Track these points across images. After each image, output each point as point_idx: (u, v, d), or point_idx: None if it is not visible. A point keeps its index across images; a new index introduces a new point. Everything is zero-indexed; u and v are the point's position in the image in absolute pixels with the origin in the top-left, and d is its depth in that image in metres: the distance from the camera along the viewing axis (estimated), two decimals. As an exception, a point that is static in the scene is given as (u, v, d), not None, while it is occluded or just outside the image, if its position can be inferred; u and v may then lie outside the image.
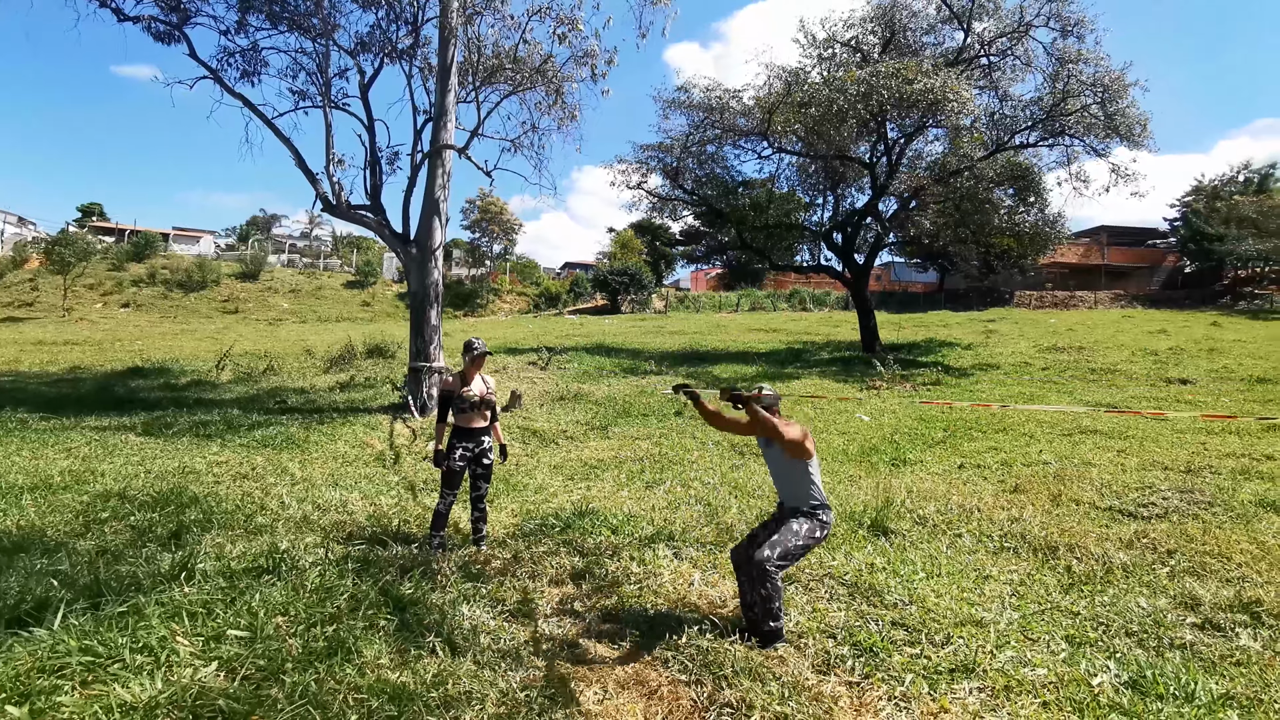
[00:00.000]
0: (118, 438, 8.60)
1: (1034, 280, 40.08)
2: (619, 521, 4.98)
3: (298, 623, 2.82)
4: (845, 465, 7.91)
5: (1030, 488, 6.36)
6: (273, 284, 43.65)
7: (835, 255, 21.17)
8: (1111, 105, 16.46)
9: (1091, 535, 4.91)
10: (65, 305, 36.25)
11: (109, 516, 4.76)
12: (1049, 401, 11.69)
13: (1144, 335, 21.35)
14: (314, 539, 4.46)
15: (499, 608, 3.47)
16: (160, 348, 21.07)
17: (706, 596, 3.74)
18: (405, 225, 11.37)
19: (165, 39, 11.11)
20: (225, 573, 3.46)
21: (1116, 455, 7.87)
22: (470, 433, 4.65)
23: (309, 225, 66.04)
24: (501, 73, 11.76)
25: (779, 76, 18.06)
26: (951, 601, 3.66)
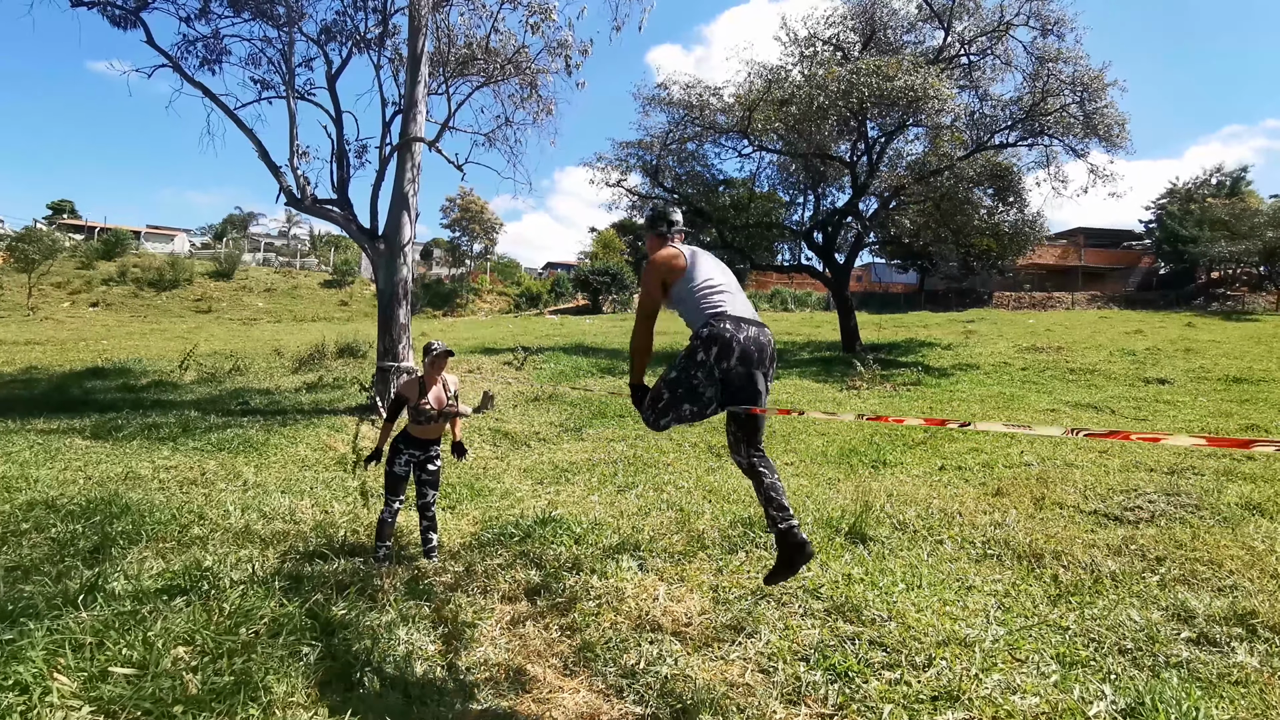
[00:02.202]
0: (63, 441, 8.17)
1: (1012, 281, 40.38)
2: (583, 530, 4.68)
3: (203, 654, 2.50)
4: (824, 468, 7.68)
5: (1013, 490, 6.16)
6: (247, 283, 42.79)
7: (816, 255, 21.02)
8: (1090, 105, 16.45)
9: (1078, 541, 4.69)
10: (30, 304, 35.23)
11: (30, 528, 4.39)
12: (1029, 402, 11.56)
13: (1121, 335, 21.42)
14: (250, 552, 4.12)
15: (441, 629, 3.16)
16: (125, 348, 20.41)
17: (671, 613, 3.46)
18: (373, 220, 11.00)
19: (122, 24, 10.64)
20: (136, 593, 3.12)
21: (1099, 456, 7.71)
22: (421, 441, 4.33)
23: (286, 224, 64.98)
24: (474, 64, 11.42)
25: (759, 74, 17.87)
26: (933, 616, 3.41)
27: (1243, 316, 29.49)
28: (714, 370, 2.83)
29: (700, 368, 2.84)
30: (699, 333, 2.89)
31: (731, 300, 2.94)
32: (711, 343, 2.82)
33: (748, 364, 2.84)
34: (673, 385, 2.92)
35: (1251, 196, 40.30)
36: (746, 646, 3.12)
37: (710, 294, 2.93)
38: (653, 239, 3.24)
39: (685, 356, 2.90)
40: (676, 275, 2.99)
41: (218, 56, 11.41)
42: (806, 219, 21.37)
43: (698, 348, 2.86)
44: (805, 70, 17.40)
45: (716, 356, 2.81)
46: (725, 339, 2.81)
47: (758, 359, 2.87)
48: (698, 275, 2.98)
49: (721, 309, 2.88)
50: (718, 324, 2.84)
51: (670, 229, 3.21)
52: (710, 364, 2.82)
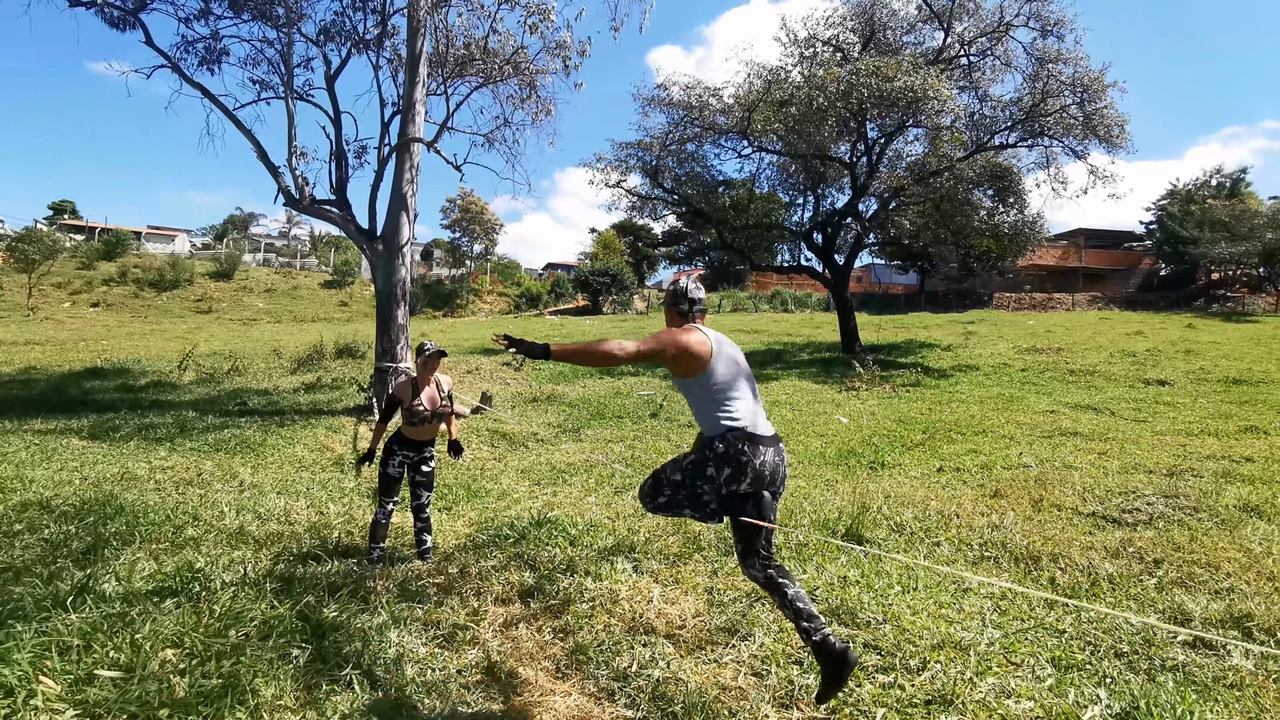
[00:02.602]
0: (60, 441, 8.16)
1: (1012, 282, 40.36)
2: (578, 531, 4.67)
3: (192, 656, 2.49)
4: (823, 469, 7.66)
5: (1010, 492, 6.14)
6: (248, 283, 42.79)
7: (816, 256, 21.00)
8: (1090, 106, 16.43)
9: (1075, 544, 4.67)
10: (30, 304, 35.24)
11: (23, 529, 4.38)
12: (1028, 403, 11.54)
13: (1121, 337, 21.39)
14: (243, 553, 4.11)
15: (432, 632, 3.15)
16: (125, 348, 20.41)
17: (665, 615, 3.44)
18: (371, 221, 10.98)
19: (120, 25, 10.64)
20: (127, 595, 3.10)
21: (1098, 458, 7.69)
22: (416, 443, 4.31)
23: (287, 224, 64.97)
24: (472, 64, 11.41)
25: (759, 75, 17.87)
26: (928, 619, 3.39)
27: (1243, 318, 29.44)
28: (722, 489, 2.72)
29: (708, 482, 2.72)
30: (713, 446, 2.72)
31: (750, 411, 2.77)
32: (724, 463, 2.68)
33: (758, 486, 2.73)
34: (675, 488, 2.81)
35: (1251, 198, 40.28)
36: (740, 649, 3.10)
37: (729, 401, 2.76)
38: (673, 316, 3.01)
39: (694, 465, 2.76)
40: (697, 368, 2.76)
41: (217, 57, 11.41)
42: (806, 220, 21.37)
43: (708, 461, 2.72)
44: (805, 71, 17.39)
45: (728, 479, 2.69)
46: (741, 464, 2.67)
47: (769, 481, 2.75)
48: (718, 373, 2.77)
49: (740, 424, 2.71)
50: (735, 445, 2.68)
51: (692, 309, 2.98)
52: (720, 482, 2.71)
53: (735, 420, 2.72)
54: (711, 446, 2.73)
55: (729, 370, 2.80)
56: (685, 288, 3.01)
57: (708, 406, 2.78)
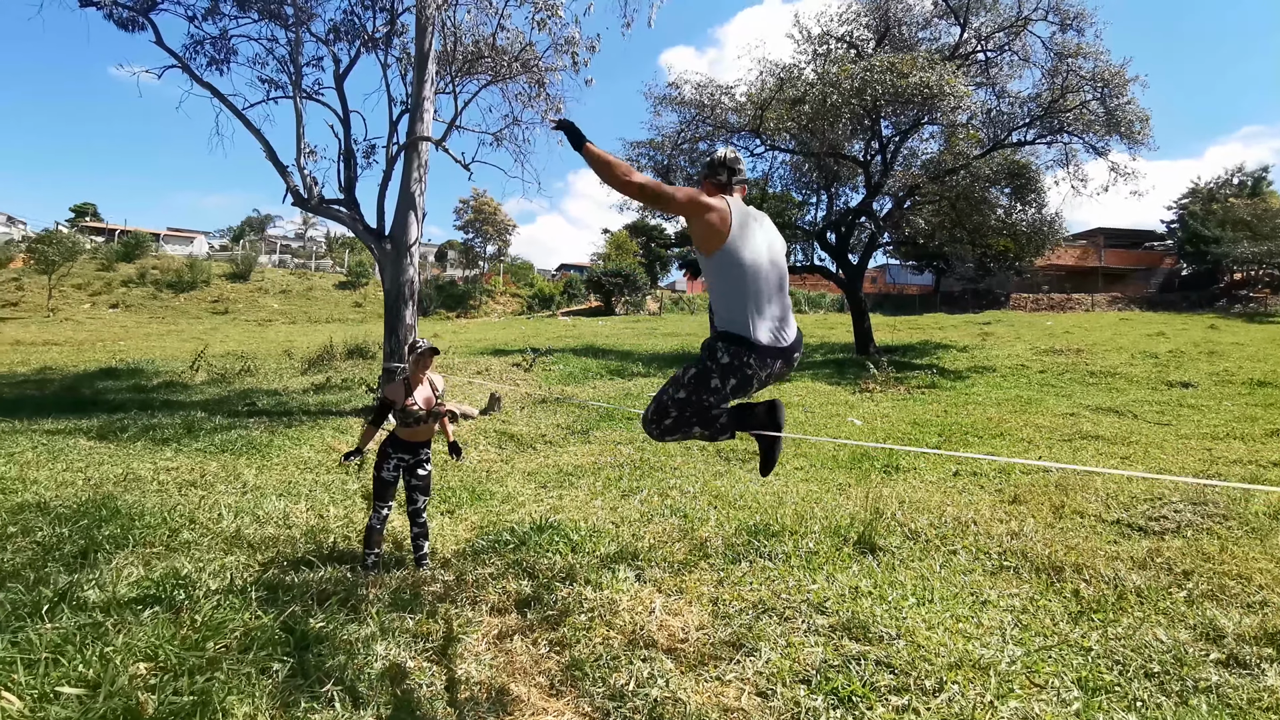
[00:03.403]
0: (68, 441, 8.14)
1: (1030, 282, 39.80)
2: (580, 537, 4.52)
3: (165, 670, 2.37)
4: (835, 472, 7.47)
5: (1030, 498, 5.93)
6: (263, 284, 43.08)
7: (829, 256, 20.74)
8: (1112, 101, 16.08)
9: (1100, 554, 4.47)
10: (50, 305, 35.66)
11: (17, 531, 4.30)
12: (1047, 405, 11.26)
13: (1142, 338, 20.97)
14: (236, 558, 4.00)
15: (422, 644, 3.01)
16: (141, 348, 20.56)
17: (667, 627, 3.29)
18: (380, 220, 10.92)
19: (128, 26, 10.64)
20: (109, 603, 3.00)
21: (1121, 462, 7.46)
22: (410, 445, 4.18)
23: (303, 226, 65.45)
24: (481, 62, 11.32)
25: (772, 72, 17.66)
26: (945, 634, 3.21)
27: (1266, 319, 28.81)
28: (728, 397, 2.56)
29: (714, 394, 2.53)
30: (715, 353, 2.52)
31: (768, 316, 2.50)
32: (728, 374, 2.49)
33: (765, 385, 2.60)
34: (682, 406, 2.58)
35: (1273, 197, 39.47)
36: (744, 666, 2.94)
37: (745, 296, 2.47)
38: (709, 186, 2.67)
39: (697, 378, 2.56)
40: (713, 239, 2.46)
41: (225, 57, 11.39)
42: (819, 219, 21.12)
43: (711, 372, 2.52)
44: (818, 68, 17.18)
45: (733, 389, 2.53)
46: (746, 376, 2.49)
47: (777, 377, 2.62)
48: (740, 254, 2.45)
49: (749, 332, 2.46)
50: (741, 356, 2.47)
51: (732, 180, 2.65)
52: (725, 394, 2.54)
53: (746, 325, 2.46)
54: (714, 353, 2.52)
55: (753, 256, 2.48)
56: (724, 154, 2.70)
57: (721, 296, 2.53)
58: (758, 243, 2.54)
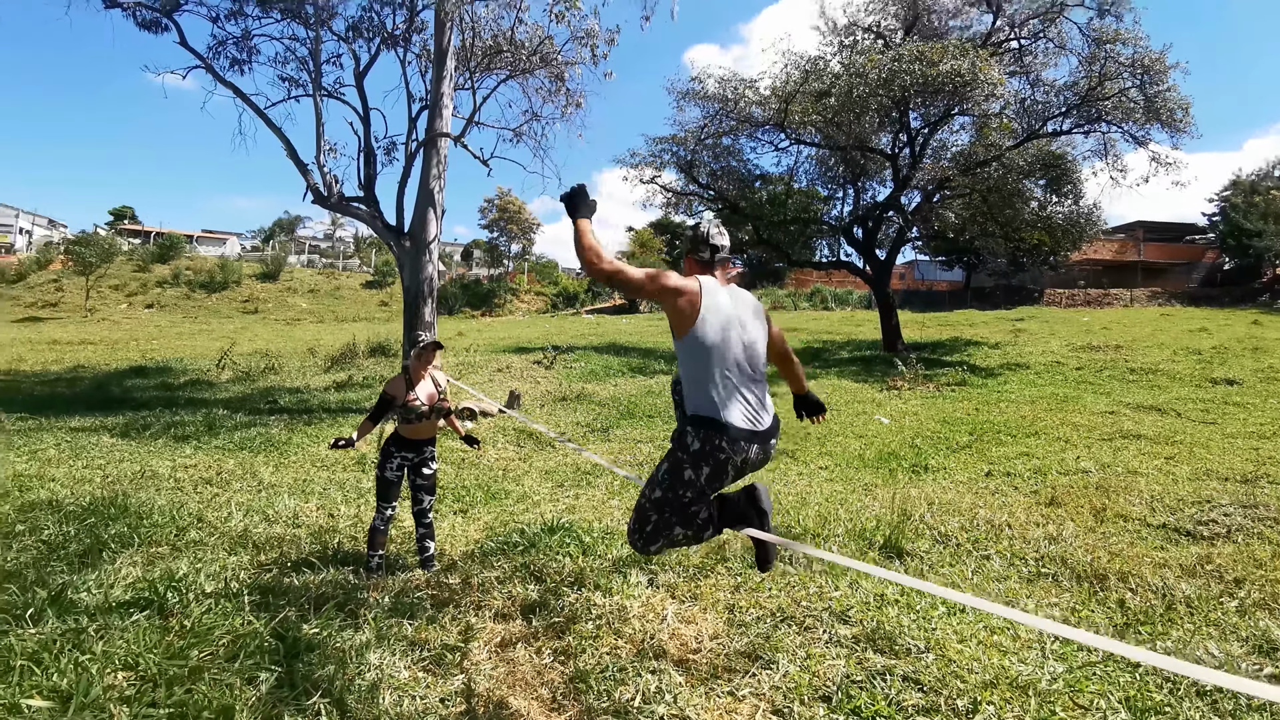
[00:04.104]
0: (91, 439, 8.20)
1: (1066, 277, 38.75)
2: (593, 539, 4.35)
3: (146, 680, 2.25)
4: (861, 472, 7.22)
5: (1069, 500, 5.62)
6: (292, 284, 43.73)
7: (856, 251, 20.34)
8: (1152, 88, 15.48)
9: (1146, 560, 4.18)
10: (88, 305, 36.56)
11: (24, 530, 4.26)
12: (1085, 403, 10.83)
13: (1184, 334, 20.21)
14: (239, 558, 3.90)
15: (419, 653, 2.86)
16: (172, 347, 20.90)
17: (679, 636, 3.10)
18: (399, 217, 10.88)
19: (152, 27, 10.73)
20: (102, 606, 2.90)
21: (1165, 463, 7.09)
22: (413, 443, 4.04)
23: (331, 226, 66.34)
24: (499, 57, 11.22)
25: (797, 65, 17.30)
26: (978, 648, 2.98)
27: (1316, 314, 27.66)
28: (705, 491, 2.40)
29: (689, 487, 2.37)
30: (684, 441, 2.37)
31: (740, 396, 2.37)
32: (701, 460, 2.33)
33: (740, 476, 2.43)
34: (660, 507, 2.41)
35: (1315, 190, 37.91)
36: (760, 680, 2.74)
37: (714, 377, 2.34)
38: (690, 265, 2.61)
39: (670, 471, 2.40)
40: (683, 320, 2.37)
41: (248, 56, 11.45)
42: (846, 214, 20.68)
43: (683, 463, 2.36)
44: (845, 59, 16.81)
45: (708, 479, 2.36)
46: (720, 462, 2.33)
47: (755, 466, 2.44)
48: (707, 334, 2.35)
49: (718, 414, 2.32)
50: (711, 440, 2.32)
51: (715, 256, 2.58)
52: (700, 484, 2.37)
53: (715, 407, 2.34)
54: (684, 440, 2.38)
55: (722, 339, 2.37)
56: (706, 231, 2.60)
57: (690, 380, 2.41)
58: (730, 327, 2.41)
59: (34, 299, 37.87)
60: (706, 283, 2.44)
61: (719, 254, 2.59)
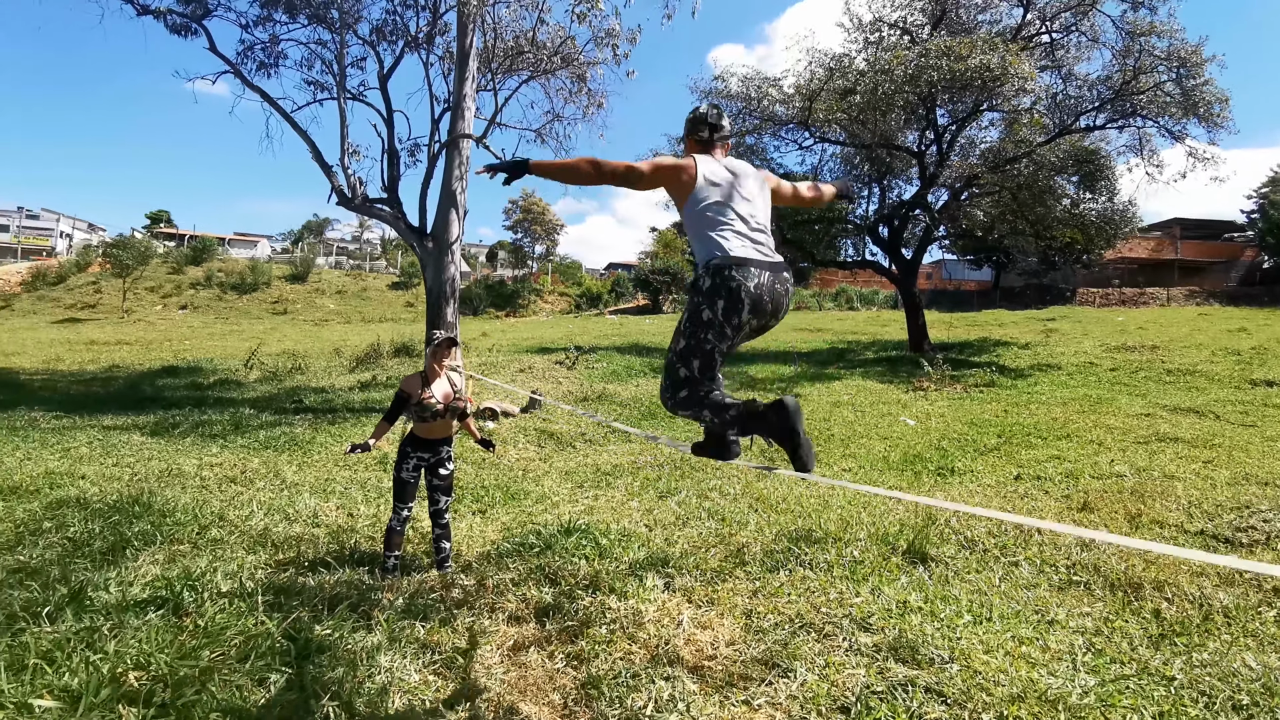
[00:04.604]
0: (122, 437, 8.35)
1: (1099, 276, 37.89)
2: (609, 541, 4.30)
3: (157, 680, 2.25)
4: (885, 475, 7.09)
5: (1102, 505, 5.45)
6: (320, 285, 44.39)
7: (881, 250, 20.05)
8: (1188, 82, 15.03)
9: (1183, 568, 4.02)
10: (125, 307, 37.46)
11: (51, 527, 4.33)
12: (1119, 405, 10.52)
13: (1223, 334, 19.62)
14: (257, 557, 3.92)
15: (430, 655, 2.83)
16: (204, 348, 21.30)
17: (695, 642, 3.04)
18: (422, 218, 10.94)
19: (182, 32, 10.92)
20: (120, 604, 2.92)
21: (1203, 467, 6.85)
22: (429, 443, 4.02)
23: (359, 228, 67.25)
24: (521, 57, 11.23)
25: (821, 63, 17.09)
26: (1006, 659, 2.88)
27: (1363, 313, 26.69)
28: (725, 329, 2.38)
29: (709, 329, 2.38)
30: (698, 285, 2.42)
31: (745, 236, 2.43)
32: (715, 295, 2.35)
33: (761, 316, 2.41)
34: (687, 357, 2.42)
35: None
36: (777, 688, 2.67)
37: (718, 227, 2.41)
38: (690, 145, 2.68)
39: (690, 317, 2.43)
40: (683, 190, 2.46)
41: (274, 61, 11.60)
42: (871, 213, 20.39)
43: (700, 306, 2.38)
44: (870, 56, 16.56)
45: (724, 313, 2.35)
46: (732, 290, 2.33)
47: (771, 310, 2.43)
48: (708, 196, 2.44)
49: (725, 250, 2.38)
50: (720, 272, 2.35)
51: (713, 135, 2.63)
52: (720, 322, 2.36)
53: (721, 245, 2.40)
54: (698, 285, 2.42)
55: (722, 193, 2.46)
56: (705, 113, 2.66)
57: (696, 238, 2.48)
58: (729, 191, 2.49)
59: (73, 300, 38.90)
60: (703, 159, 2.52)
61: (718, 134, 2.65)
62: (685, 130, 2.72)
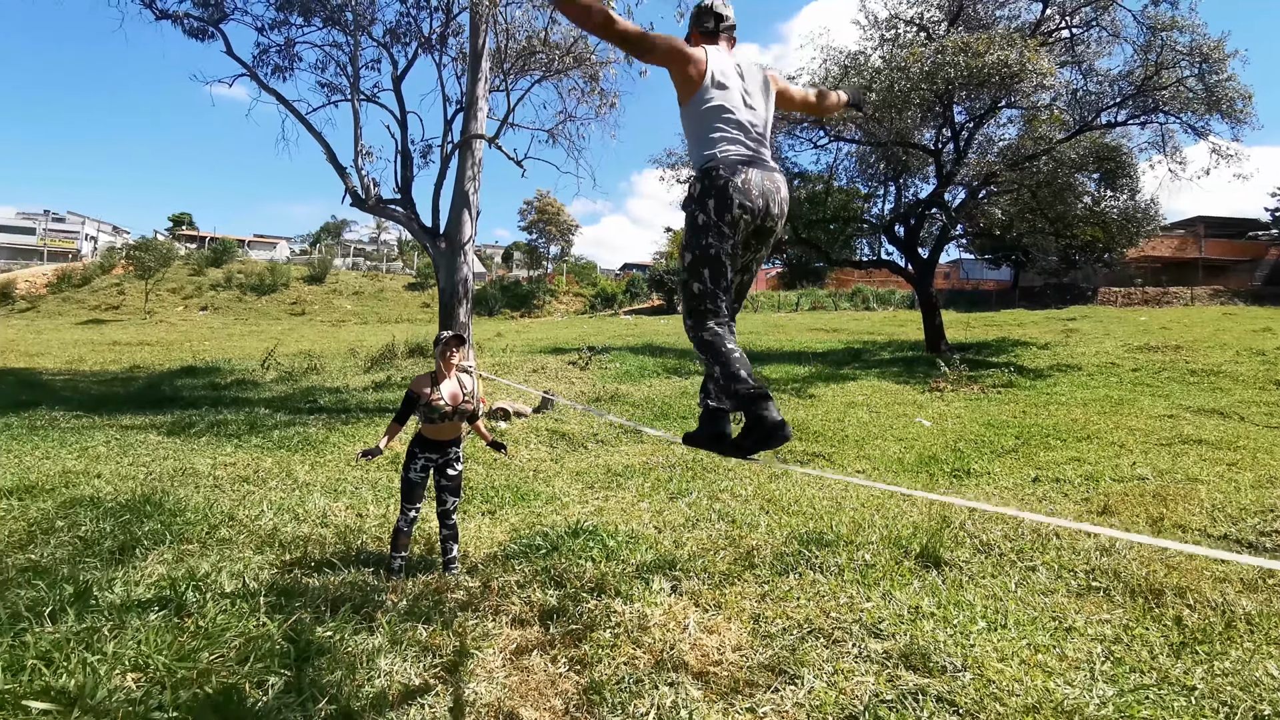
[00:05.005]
0: (139, 437, 8.43)
1: (1121, 275, 37.24)
2: (617, 543, 4.26)
3: (154, 682, 2.23)
4: (900, 477, 6.99)
5: (1123, 509, 5.33)
6: (337, 286, 44.81)
7: (897, 250, 19.84)
8: (1211, 78, 14.73)
9: (1205, 574, 3.91)
10: (147, 308, 38.02)
11: (64, 526, 4.36)
12: (1141, 406, 10.31)
13: (1248, 334, 19.22)
14: (265, 557, 3.92)
15: (431, 659, 2.80)
16: (224, 348, 21.55)
17: (700, 647, 2.98)
18: (435, 219, 10.98)
19: (200, 36, 11.03)
20: (124, 604, 2.92)
21: (1227, 470, 6.69)
22: (438, 443, 4.00)
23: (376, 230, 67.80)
24: (534, 58, 11.24)
25: (836, 61, 16.94)
26: (1021, 667, 2.80)
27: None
28: (721, 227, 2.33)
29: (708, 232, 2.34)
30: (690, 192, 2.40)
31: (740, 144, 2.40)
32: (706, 198, 2.34)
33: (753, 213, 2.35)
34: (695, 269, 2.38)
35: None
36: (783, 696, 2.61)
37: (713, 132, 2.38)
38: (696, 36, 2.63)
39: (689, 229, 2.41)
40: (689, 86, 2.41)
41: (290, 64, 11.69)
42: (887, 212, 20.19)
43: (695, 213, 2.37)
44: (885, 54, 16.39)
45: (717, 211, 2.32)
46: (720, 188, 2.31)
47: (764, 211, 2.38)
48: (710, 99, 2.40)
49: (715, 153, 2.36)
50: (709, 174, 2.34)
51: (719, 25, 2.59)
52: (714, 222, 2.33)
53: (713, 152, 2.37)
54: (690, 194, 2.41)
55: (727, 97, 2.41)
56: (710, 3, 2.61)
57: (694, 141, 2.45)
58: (734, 96, 2.45)
59: (97, 302, 39.56)
60: (713, 53, 2.47)
61: (723, 23, 2.61)
62: (690, 23, 2.68)
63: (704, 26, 2.60)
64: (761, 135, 2.49)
